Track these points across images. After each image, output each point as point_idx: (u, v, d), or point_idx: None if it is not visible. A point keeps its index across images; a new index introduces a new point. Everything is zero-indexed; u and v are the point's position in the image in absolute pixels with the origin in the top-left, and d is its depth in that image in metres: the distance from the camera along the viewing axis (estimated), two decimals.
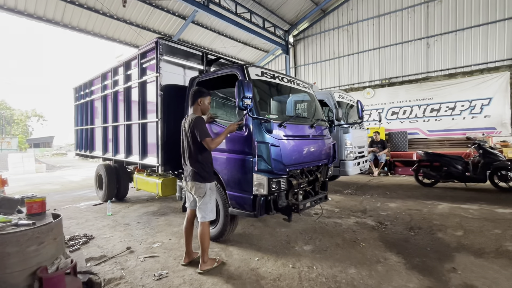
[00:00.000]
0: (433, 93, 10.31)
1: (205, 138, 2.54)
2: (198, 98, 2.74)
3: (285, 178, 2.99)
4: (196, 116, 2.63)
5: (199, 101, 2.74)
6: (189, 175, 2.68)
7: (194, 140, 2.62)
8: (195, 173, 2.64)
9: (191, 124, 2.60)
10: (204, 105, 2.78)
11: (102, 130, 5.55)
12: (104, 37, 9.60)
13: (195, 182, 2.64)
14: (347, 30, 12.39)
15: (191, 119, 2.64)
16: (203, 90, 2.79)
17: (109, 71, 5.23)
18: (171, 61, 4.06)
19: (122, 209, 5.19)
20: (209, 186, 2.69)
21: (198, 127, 2.56)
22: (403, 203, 5.23)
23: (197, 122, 2.58)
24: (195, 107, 2.76)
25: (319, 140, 3.65)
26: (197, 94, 2.75)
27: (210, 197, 2.71)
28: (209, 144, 2.56)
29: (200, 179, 2.64)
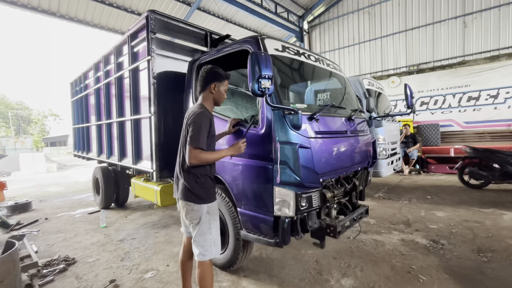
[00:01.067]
0: (470, 79, 9.04)
1: (193, 145, 1.73)
2: (211, 82, 1.93)
3: (318, 191, 2.15)
4: (200, 111, 1.83)
5: (212, 87, 1.93)
6: (179, 190, 1.91)
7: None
8: (187, 189, 1.86)
9: (189, 118, 1.83)
10: (219, 93, 1.97)
11: (96, 129, 4.88)
12: (105, 28, 8.96)
13: (186, 202, 1.87)
14: (368, 13, 11.20)
15: (191, 111, 1.86)
16: (220, 72, 1.96)
17: (100, 60, 4.52)
18: (167, 42, 3.27)
19: (119, 219, 4.52)
20: (207, 209, 1.88)
21: (194, 126, 1.76)
22: (454, 211, 4.27)
23: (196, 118, 1.78)
24: (205, 94, 1.96)
25: (358, 137, 2.76)
26: (211, 76, 1.93)
27: (210, 224, 1.90)
28: (192, 156, 1.73)
29: (193, 197, 1.85)
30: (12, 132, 42.84)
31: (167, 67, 3.22)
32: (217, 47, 2.66)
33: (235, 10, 10.05)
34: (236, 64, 2.64)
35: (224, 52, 2.53)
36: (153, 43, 3.02)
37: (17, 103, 50.25)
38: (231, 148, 1.97)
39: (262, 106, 2.11)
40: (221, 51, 2.57)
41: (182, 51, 3.43)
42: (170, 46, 3.31)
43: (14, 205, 5.34)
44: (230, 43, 2.53)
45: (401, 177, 7.50)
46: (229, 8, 10.05)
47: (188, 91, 2.93)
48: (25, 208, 5.48)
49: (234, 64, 2.66)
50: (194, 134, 1.74)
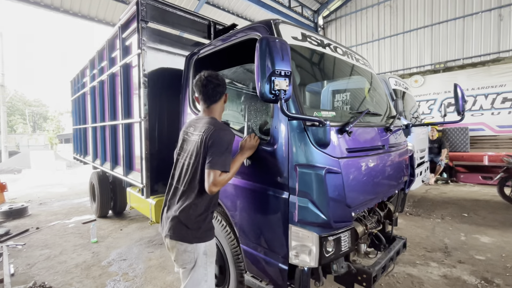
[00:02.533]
0: (506, 78, 8.11)
1: (220, 169, 1.36)
2: (224, 92, 1.60)
3: (349, 229, 1.58)
4: (225, 127, 1.49)
5: (225, 98, 1.64)
6: (168, 226, 1.45)
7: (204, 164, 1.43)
8: (180, 225, 1.42)
9: (211, 137, 1.40)
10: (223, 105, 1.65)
11: (92, 131, 4.46)
12: (110, 24, 8.61)
13: (176, 242, 1.43)
14: (389, 6, 10.38)
15: (212, 128, 1.43)
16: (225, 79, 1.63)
17: (94, 57, 4.09)
18: (162, 33, 2.77)
19: (113, 232, 4.08)
20: (204, 249, 1.44)
21: (220, 146, 1.39)
22: (502, 236, 3.58)
23: (223, 136, 1.42)
24: (218, 107, 1.59)
25: (397, 151, 2.16)
26: (224, 85, 1.59)
27: (206, 269, 1.46)
28: (217, 182, 1.35)
29: (188, 236, 1.42)
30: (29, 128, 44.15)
31: (162, 63, 2.72)
32: (219, 37, 2.12)
33: (246, 4, 9.50)
34: (242, 58, 2.10)
35: (227, 43, 1.98)
36: (144, 34, 2.52)
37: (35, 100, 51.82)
38: (245, 149, 1.56)
39: (274, 113, 1.56)
40: (223, 41, 2.03)
41: (181, 45, 2.92)
42: (166, 38, 2.81)
43: (8, 210, 5.02)
44: (234, 31, 1.99)
45: (427, 187, 6.75)
46: (239, 2, 9.51)
47: (185, 90, 2.42)
48: (20, 213, 5.16)
49: (240, 58, 2.11)
50: (221, 156, 1.37)
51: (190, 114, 2.33)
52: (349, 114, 1.94)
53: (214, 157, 1.35)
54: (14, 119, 43.87)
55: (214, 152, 1.36)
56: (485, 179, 6.65)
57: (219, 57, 2.20)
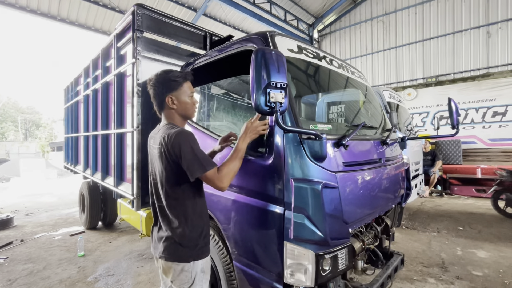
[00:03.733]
0: (496, 92, 8.32)
1: (209, 169, 1.24)
2: (165, 94, 1.36)
3: (347, 246, 1.52)
4: (174, 130, 1.26)
5: (169, 101, 1.37)
6: (161, 245, 1.34)
7: (176, 178, 1.29)
8: (174, 244, 1.31)
9: (168, 145, 1.24)
10: (182, 104, 1.39)
11: (83, 140, 4.37)
12: (107, 33, 8.63)
13: (173, 263, 1.31)
14: (382, 22, 10.68)
15: (166, 136, 1.26)
16: (170, 77, 1.37)
17: (89, 65, 4.05)
18: (157, 43, 2.76)
19: (101, 245, 3.93)
20: (201, 266, 1.35)
21: (186, 151, 1.22)
22: (498, 251, 3.54)
23: (181, 141, 1.23)
24: (166, 113, 1.41)
25: (393, 165, 2.14)
26: (160, 87, 1.37)
27: (202, 287, 1.36)
28: (220, 180, 1.26)
29: (184, 254, 1.31)
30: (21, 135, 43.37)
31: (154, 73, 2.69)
32: (215, 48, 2.11)
33: (243, 17, 9.67)
34: (238, 69, 2.08)
35: (223, 54, 1.97)
36: (140, 44, 2.50)
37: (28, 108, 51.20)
38: (246, 133, 1.38)
39: (271, 126, 1.52)
40: (219, 52, 2.01)
41: (176, 55, 2.91)
42: (161, 48, 2.79)
43: None
44: (230, 42, 1.98)
45: (422, 199, 6.75)
46: (236, 15, 9.68)
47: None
48: (5, 224, 4.96)
49: (235, 69, 2.10)
50: (195, 158, 1.23)
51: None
52: (345, 127, 1.92)
53: (192, 163, 1.21)
54: (6, 126, 43.14)
55: (187, 158, 1.21)
56: (479, 192, 6.69)
57: (214, 67, 2.19)
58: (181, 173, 1.26)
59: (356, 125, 1.80)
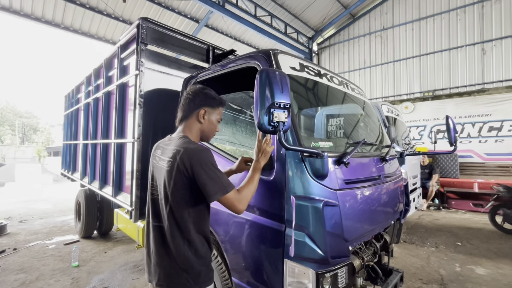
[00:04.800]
0: (491, 108, 8.46)
1: (229, 191, 1.21)
2: (200, 106, 1.36)
3: (347, 265, 1.52)
4: (199, 147, 1.23)
5: (202, 114, 1.35)
6: (160, 272, 1.23)
7: (186, 196, 1.21)
8: (179, 272, 1.21)
9: (185, 160, 1.18)
10: (209, 124, 1.39)
11: (82, 148, 4.36)
12: (110, 41, 8.74)
13: None
14: (380, 37, 10.92)
15: (183, 150, 1.20)
16: (213, 95, 1.40)
17: (91, 74, 4.09)
18: (161, 55, 2.80)
19: (96, 255, 3.86)
20: None
21: (207, 170, 1.18)
22: (497, 268, 3.53)
23: (202, 158, 1.19)
24: (190, 123, 1.37)
25: (393, 181, 2.16)
26: (201, 99, 1.36)
27: None
28: (240, 202, 1.23)
29: (189, 283, 1.21)
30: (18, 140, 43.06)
31: (159, 84, 2.73)
32: (218, 63, 2.15)
33: (244, 29, 9.84)
34: (240, 84, 2.12)
35: (226, 69, 2.01)
36: (143, 56, 2.54)
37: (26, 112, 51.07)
38: (259, 157, 1.38)
39: (274, 144, 1.54)
40: (222, 67, 2.05)
41: (179, 67, 2.96)
42: (165, 60, 2.84)
43: None
44: (233, 58, 2.02)
45: (420, 213, 6.74)
46: (237, 27, 9.86)
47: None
48: None
49: (238, 84, 2.13)
50: (216, 178, 1.18)
51: None
52: (345, 144, 1.95)
53: (212, 183, 1.16)
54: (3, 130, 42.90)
55: (208, 178, 1.16)
56: (476, 206, 6.70)
57: (217, 82, 2.22)
58: (193, 192, 1.20)
59: (356, 142, 1.83)
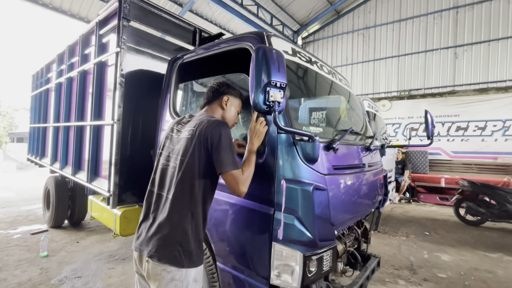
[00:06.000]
0: (460, 109, 9.05)
1: (238, 168, 1.24)
2: (224, 93, 1.46)
3: (332, 248, 1.55)
4: (222, 121, 1.31)
5: (225, 100, 1.45)
6: (154, 242, 1.19)
7: (200, 166, 1.23)
8: (173, 245, 1.18)
9: (207, 130, 1.22)
10: (230, 111, 1.48)
11: (53, 131, 4.05)
12: (85, 20, 8.14)
13: (164, 267, 1.16)
14: (362, 35, 11.20)
15: (206, 121, 1.26)
16: (235, 87, 1.52)
17: (64, 51, 3.79)
18: (144, 34, 2.64)
19: (67, 245, 3.65)
20: (195, 275, 1.22)
21: (225, 142, 1.21)
22: (459, 254, 3.82)
23: (223, 131, 1.23)
24: (213, 107, 1.46)
25: (375, 171, 2.23)
26: (225, 87, 1.47)
27: None
28: (243, 183, 1.24)
29: (181, 258, 1.17)
30: None
31: (141, 65, 2.58)
32: (207, 44, 2.06)
33: (230, 17, 9.63)
34: (229, 67, 2.06)
35: (215, 50, 1.93)
36: (125, 33, 2.38)
37: None
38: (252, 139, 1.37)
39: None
40: (211, 48, 1.98)
41: (162, 48, 2.81)
42: (147, 40, 2.69)
43: None
44: (223, 39, 1.95)
45: (392, 205, 7.11)
46: (223, 14, 9.62)
47: (166, 95, 2.30)
48: None
49: (227, 67, 2.07)
50: (228, 153, 1.21)
51: (170, 120, 2.21)
52: (333, 131, 1.97)
53: (225, 157, 1.19)
54: None
55: (222, 151, 1.19)
56: (442, 200, 7.19)
57: (204, 64, 2.14)
58: (207, 162, 1.23)
59: (344, 130, 1.85)
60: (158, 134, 2.36)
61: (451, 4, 9.35)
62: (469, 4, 9.05)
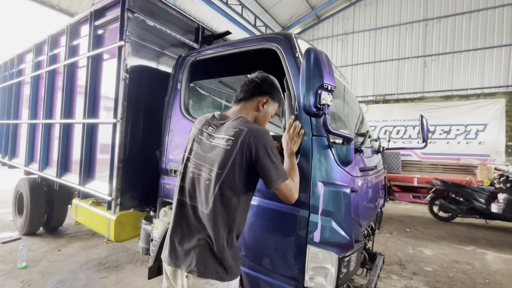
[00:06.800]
0: (428, 114, 9.76)
1: (288, 178, 1.19)
2: (265, 94, 1.32)
3: (360, 248, 1.59)
4: (264, 129, 1.19)
5: (263, 102, 1.32)
6: (192, 257, 1.12)
7: (241, 180, 1.14)
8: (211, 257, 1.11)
9: (251, 141, 1.12)
10: (265, 115, 1.36)
11: (29, 129, 3.66)
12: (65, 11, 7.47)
13: (206, 282, 1.09)
14: (341, 40, 11.67)
15: (248, 130, 1.14)
16: (279, 88, 1.37)
17: (45, 41, 3.44)
18: (147, 28, 2.49)
19: (48, 253, 3.33)
20: (235, 285, 1.18)
21: (271, 155, 1.14)
22: (439, 248, 4.14)
23: (267, 142, 1.14)
24: (247, 106, 1.32)
25: (381, 172, 2.34)
26: (267, 87, 1.32)
27: None
28: (295, 190, 1.23)
29: (221, 271, 1.11)
30: None
31: (142, 60, 2.43)
32: (228, 42, 2.01)
33: (213, 15, 9.46)
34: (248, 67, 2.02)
35: (237, 49, 1.89)
36: (130, 26, 2.23)
37: None
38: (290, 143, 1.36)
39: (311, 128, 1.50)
40: (233, 47, 1.92)
41: (165, 44, 2.67)
42: (150, 34, 2.54)
43: None
44: (245, 38, 1.91)
45: None
46: (207, 12, 9.43)
47: (175, 94, 2.20)
48: None
49: (245, 67, 2.03)
50: (276, 166, 1.14)
51: (180, 119, 2.12)
52: (354, 134, 2.02)
53: (275, 171, 1.13)
54: None
55: (270, 164, 1.12)
56: (415, 198, 7.73)
57: (220, 62, 2.08)
58: (249, 176, 1.15)
59: (362, 134, 1.91)
60: (165, 133, 2.25)
61: (421, 16, 10.11)
62: (436, 17, 9.85)
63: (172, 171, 2.14)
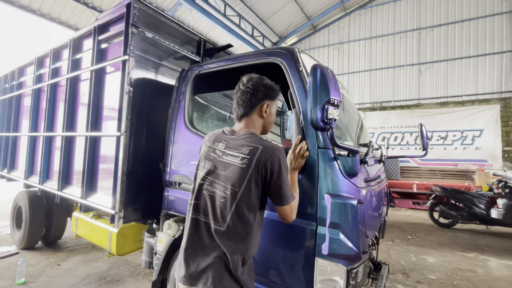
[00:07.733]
0: (425, 120, 9.90)
1: (293, 200, 1.21)
2: (263, 100, 1.28)
3: (367, 260, 1.59)
4: (278, 146, 1.19)
5: (265, 108, 1.29)
6: (210, 274, 1.11)
7: (257, 198, 1.17)
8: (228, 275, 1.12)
9: (267, 159, 1.13)
10: (270, 117, 1.34)
11: (29, 142, 3.64)
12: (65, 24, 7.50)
13: None
14: (337, 49, 11.87)
15: (263, 147, 1.14)
16: (273, 85, 1.31)
17: (47, 54, 3.47)
18: (148, 42, 2.53)
19: (47, 268, 3.27)
20: None
21: (285, 176, 1.16)
22: (442, 256, 4.13)
23: (282, 162, 1.15)
24: (252, 119, 1.29)
25: (384, 182, 2.35)
26: (263, 92, 1.27)
27: None
28: (295, 211, 1.25)
29: None
30: None
31: (145, 74, 2.46)
32: (231, 56, 2.05)
33: (212, 26, 9.62)
34: None
35: (240, 63, 1.92)
36: (134, 40, 2.27)
37: None
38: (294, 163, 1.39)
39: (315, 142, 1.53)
40: (236, 61, 1.96)
41: (168, 58, 2.71)
42: (153, 47, 2.58)
43: None
44: (249, 53, 1.95)
45: None
46: (205, 23, 9.58)
47: (179, 106, 2.22)
48: None
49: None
50: (288, 183, 1.18)
51: (184, 131, 2.14)
52: (357, 145, 2.05)
53: (286, 190, 1.15)
54: None
55: (283, 183, 1.14)
56: (415, 204, 7.74)
57: (224, 76, 2.11)
58: (264, 194, 1.18)
59: (365, 144, 1.94)
60: (169, 146, 2.26)
61: (415, 25, 10.35)
62: (430, 26, 10.08)
63: (176, 183, 2.14)
